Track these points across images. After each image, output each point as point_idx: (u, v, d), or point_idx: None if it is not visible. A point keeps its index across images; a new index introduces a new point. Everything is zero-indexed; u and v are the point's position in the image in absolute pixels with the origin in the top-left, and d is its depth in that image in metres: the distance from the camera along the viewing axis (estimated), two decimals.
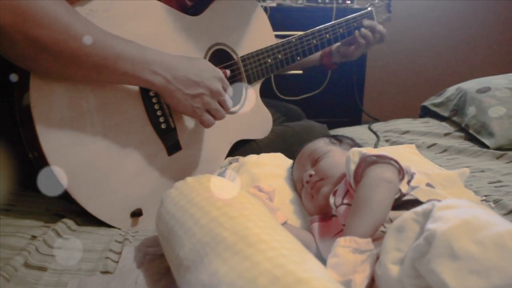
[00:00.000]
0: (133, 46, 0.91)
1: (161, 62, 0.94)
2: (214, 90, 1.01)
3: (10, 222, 0.92)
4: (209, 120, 1.04)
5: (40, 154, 0.87)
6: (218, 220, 0.64)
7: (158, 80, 0.94)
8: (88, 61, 0.86)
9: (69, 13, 0.84)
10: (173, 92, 0.96)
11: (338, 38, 1.42)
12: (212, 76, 1.01)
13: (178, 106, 1.00)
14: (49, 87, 0.88)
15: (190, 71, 0.98)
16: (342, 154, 0.93)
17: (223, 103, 1.05)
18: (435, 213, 0.61)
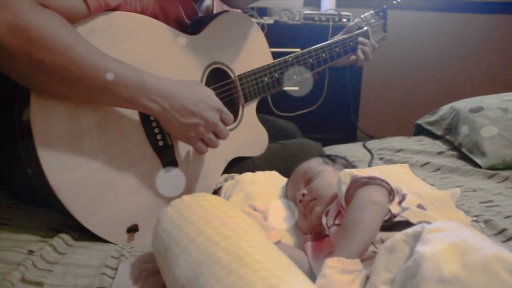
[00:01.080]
0: (133, 72, 0.93)
1: (160, 90, 0.95)
2: (210, 121, 1.03)
3: (7, 236, 0.93)
4: (202, 148, 1.05)
5: (38, 170, 0.89)
6: (214, 240, 0.65)
7: (155, 107, 0.96)
8: (89, 85, 0.88)
9: (73, 36, 0.86)
10: (169, 119, 0.98)
11: (334, 57, 1.45)
12: (210, 106, 1.03)
13: (173, 132, 1.02)
14: (49, 104, 0.89)
15: (187, 100, 0.99)
16: (335, 174, 0.95)
17: (219, 133, 1.06)
18: (424, 236, 0.63)
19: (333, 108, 2.33)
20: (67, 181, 0.91)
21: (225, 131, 1.08)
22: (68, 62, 0.84)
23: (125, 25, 0.99)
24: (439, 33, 2.98)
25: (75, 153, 0.92)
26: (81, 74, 0.86)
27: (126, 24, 1.00)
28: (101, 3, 0.93)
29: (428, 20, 2.95)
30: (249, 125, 1.28)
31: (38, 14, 0.82)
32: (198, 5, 1.23)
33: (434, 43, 3.00)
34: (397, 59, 2.98)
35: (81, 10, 0.91)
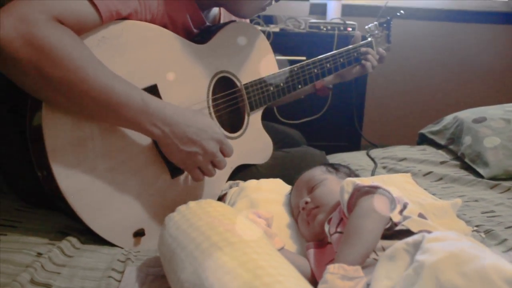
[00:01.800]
0: (138, 95, 0.94)
1: (163, 115, 0.96)
2: (209, 151, 1.03)
3: (16, 239, 0.95)
4: (198, 176, 1.06)
5: (49, 174, 0.91)
6: (219, 245, 0.67)
7: (156, 132, 0.97)
8: (94, 104, 0.90)
9: (84, 56, 0.88)
10: (168, 145, 0.99)
11: (338, 67, 1.47)
12: (211, 137, 1.04)
13: (170, 157, 1.03)
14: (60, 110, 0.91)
15: (189, 128, 1.00)
16: (338, 182, 0.96)
17: (217, 164, 1.07)
18: (424, 245, 0.64)
19: (337, 116, 2.34)
20: (76, 185, 0.93)
21: (223, 161, 1.08)
22: (77, 81, 0.86)
23: (135, 34, 1.02)
24: (442, 43, 3.00)
25: (84, 158, 0.94)
26: (88, 93, 0.88)
27: (136, 32, 1.02)
28: (113, 13, 0.95)
29: (432, 30, 2.97)
30: (254, 133, 1.30)
31: (52, 30, 0.84)
32: (205, 15, 1.25)
33: (437, 53, 3.02)
34: (401, 68, 2.99)
35: (93, 19, 0.93)
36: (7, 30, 0.81)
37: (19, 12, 0.83)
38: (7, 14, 0.82)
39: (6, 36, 0.80)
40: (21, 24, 0.82)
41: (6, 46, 0.81)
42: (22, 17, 0.82)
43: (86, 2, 0.91)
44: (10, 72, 0.86)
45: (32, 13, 0.84)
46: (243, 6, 1.23)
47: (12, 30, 0.81)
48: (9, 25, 0.81)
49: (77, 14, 0.90)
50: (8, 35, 0.81)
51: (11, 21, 0.82)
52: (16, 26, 0.81)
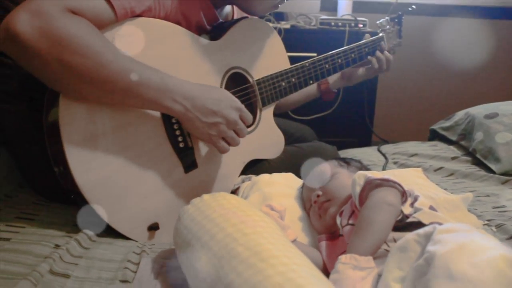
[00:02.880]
0: (157, 74, 0.97)
1: (182, 91, 0.99)
2: (231, 119, 1.06)
3: (35, 231, 0.97)
4: (224, 147, 1.09)
5: (65, 169, 0.93)
6: (233, 236, 0.69)
7: (178, 108, 0.99)
8: (115, 87, 0.92)
9: (101, 42, 0.90)
10: (191, 119, 1.02)
11: (349, 63, 1.47)
12: (230, 106, 1.07)
13: (195, 132, 1.06)
14: (77, 105, 0.93)
15: (208, 100, 1.03)
16: (349, 176, 0.97)
17: (239, 132, 1.10)
18: (435, 236, 0.65)
19: (348, 112, 2.34)
20: (93, 180, 0.95)
21: (244, 129, 1.11)
22: (96, 66, 0.88)
23: (149, 31, 1.03)
24: (454, 39, 2.98)
25: (100, 153, 0.96)
26: (108, 77, 0.90)
27: (150, 30, 1.04)
28: (127, 10, 0.97)
29: (443, 25, 2.95)
30: (266, 128, 1.31)
31: (69, 21, 0.87)
32: (218, 12, 1.27)
33: (449, 48, 3.00)
34: (412, 64, 2.98)
35: (108, 17, 0.95)
36: (24, 25, 0.83)
37: (35, 7, 0.85)
38: (23, 9, 0.85)
39: (24, 30, 0.83)
40: (37, 17, 0.84)
41: (24, 40, 0.83)
42: (38, 11, 0.85)
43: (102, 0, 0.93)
44: (31, 65, 0.88)
45: (47, 6, 0.86)
46: (255, 4, 1.25)
47: (29, 25, 0.83)
48: (26, 20, 0.83)
49: (92, 11, 0.92)
50: (26, 29, 0.83)
51: (27, 16, 0.84)
52: (33, 20, 0.84)
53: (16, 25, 0.82)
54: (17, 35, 0.82)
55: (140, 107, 1.01)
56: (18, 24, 0.83)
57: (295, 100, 1.53)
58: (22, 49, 0.84)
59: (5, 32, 0.84)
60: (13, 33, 0.83)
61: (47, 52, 0.84)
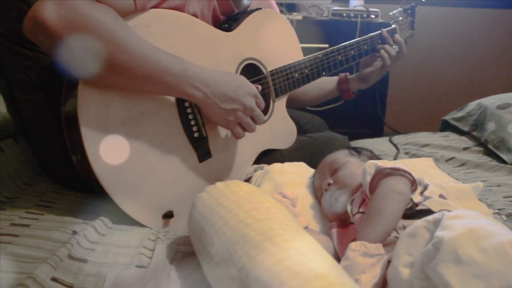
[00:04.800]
0: (177, 61, 0.99)
1: (202, 78, 1.01)
2: (248, 106, 1.08)
3: (53, 218, 1.00)
4: (240, 133, 1.11)
5: (83, 157, 0.95)
6: (246, 222, 0.71)
7: (198, 94, 1.02)
8: (137, 73, 0.94)
9: (124, 29, 0.92)
10: (210, 105, 1.04)
11: (362, 54, 1.48)
12: (247, 92, 1.09)
13: (213, 117, 1.08)
14: (94, 95, 0.96)
15: (227, 87, 1.05)
16: (360, 165, 0.99)
17: (256, 118, 1.12)
18: (444, 222, 0.67)
19: (360, 103, 2.32)
20: (110, 169, 0.97)
21: (261, 115, 1.13)
22: (120, 52, 0.91)
23: (165, 23, 1.05)
24: (466, 29, 2.97)
25: (117, 142, 0.98)
26: (131, 62, 0.92)
27: (166, 21, 1.06)
28: (145, 2, 0.99)
29: (455, 16, 2.94)
30: (279, 119, 1.33)
31: (94, 8, 0.89)
32: (235, 3, 1.28)
33: (461, 39, 2.99)
34: (424, 55, 2.98)
35: (128, 6, 0.97)
36: (50, 13, 0.85)
37: None
38: None
39: (50, 18, 0.85)
40: (63, 5, 0.86)
41: (51, 27, 0.85)
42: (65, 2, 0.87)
43: None
44: (56, 52, 0.90)
45: None
46: None
47: (55, 12, 0.85)
48: (52, 8, 0.86)
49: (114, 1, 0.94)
50: (52, 17, 0.85)
51: (53, 4, 0.86)
52: (59, 7, 0.86)
53: (43, 13, 0.85)
54: (44, 22, 0.85)
55: (160, 94, 1.03)
56: (45, 12, 0.85)
57: (314, 96, 1.54)
58: (49, 37, 0.87)
59: (32, 20, 0.86)
60: (40, 21, 0.85)
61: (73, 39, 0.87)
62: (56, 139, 1.07)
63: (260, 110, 1.13)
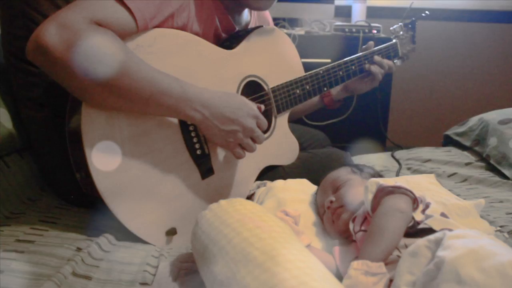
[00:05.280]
0: (177, 83, 1.00)
1: (201, 99, 1.02)
2: (247, 127, 1.09)
3: (57, 234, 1.01)
4: (240, 153, 1.12)
5: (87, 175, 0.96)
6: (249, 241, 0.71)
7: (197, 116, 1.02)
8: (137, 96, 0.95)
9: (125, 53, 0.94)
10: (209, 127, 1.05)
11: (363, 69, 1.48)
12: (247, 113, 1.09)
13: (213, 138, 1.09)
14: (98, 113, 0.97)
15: (226, 109, 1.06)
16: (362, 182, 0.99)
17: (256, 138, 1.13)
18: (445, 242, 0.67)
19: (362, 117, 2.35)
20: (113, 186, 0.98)
21: (261, 136, 1.14)
22: (120, 76, 0.92)
23: (167, 42, 1.07)
24: (468, 44, 2.98)
25: (121, 160, 0.99)
26: (131, 86, 0.94)
27: (168, 40, 1.07)
28: (147, 21, 1.01)
29: (457, 30, 2.95)
30: (281, 135, 1.34)
31: (94, 33, 0.90)
32: (235, 19, 1.30)
33: (463, 53, 3.00)
34: (426, 69, 2.99)
35: (130, 27, 0.98)
36: (52, 37, 0.87)
37: (62, 20, 0.89)
38: (52, 22, 0.89)
39: (53, 42, 0.87)
40: (65, 30, 0.88)
41: (52, 52, 0.87)
42: (65, 24, 0.89)
43: (125, 10, 0.97)
44: (58, 76, 0.93)
45: (74, 19, 0.90)
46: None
47: (57, 37, 0.87)
48: (53, 32, 0.87)
49: (116, 22, 0.95)
50: (54, 41, 0.87)
51: (55, 28, 0.88)
52: (61, 32, 0.88)
53: (45, 37, 0.87)
54: (46, 47, 0.87)
55: (160, 115, 1.04)
56: (47, 37, 0.87)
57: (299, 109, 1.53)
58: (50, 60, 0.88)
59: (34, 44, 0.88)
60: (42, 45, 0.87)
61: (73, 63, 0.88)
62: (61, 155, 1.09)
63: (261, 130, 1.14)
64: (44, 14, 1.11)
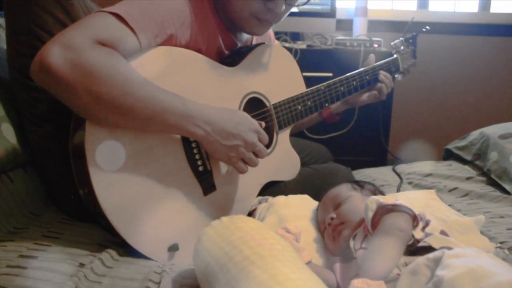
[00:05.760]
0: (179, 100, 1.02)
1: (203, 116, 1.04)
2: (249, 142, 1.10)
3: (60, 249, 1.01)
4: (243, 168, 1.13)
5: (90, 191, 0.97)
6: (251, 259, 0.72)
7: (199, 132, 1.04)
8: (140, 114, 0.97)
9: (128, 72, 0.95)
10: (211, 142, 1.06)
11: (364, 85, 1.50)
12: (248, 128, 1.11)
13: (215, 154, 1.10)
14: (102, 130, 0.98)
15: (228, 124, 1.08)
16: (362, 199, 1.00)
17: (258, 153, 1.14)
18: (444, 261, 0.68)
19: (364, 131, 2.36)
20: (116, 203, 0.99)
21: (263, 150, 1.15)
22: (123, 94, 0.94)
23: (170, 59, 1.08)
24: (469, 57, 2.99)
25: (123, 177, 1.00)
26: (134, 104, 0.95)
27: (171, 58, 1.09)
28: (151, 40, 1.02)
29: (459, 44, 2.96)
30: (282, 151, 1.35)
31: (98, 53, 0.92)
32: (237, 37, 1.31)
33: (464, 67, 3.01)
34: (427, 83, 3.00)
35: (134, 46, 1.00)
36: (56, 58, 0.89)
37: (66, 40, 0.91)
38: (56, 43, 0.90)
39: (56, 63, 0.88)
40: (69, 50, 0.90)
41: (57, 72, 0.88)
42: (69, 44, 0.90)
43: (128, 29, 0.98)
44: (62, 95, 0.94)
45: (77, 39, 0.92)
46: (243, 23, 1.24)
47: (61, 57, 0.89)
48: (58, 53, 0.89)
49: (119, 42, 0.97)
50: (58, 62, 0.88)
51: (59, 49, 0.89)
52: (65, 53, 0.89)
53: (49, 58, 0.88)
54: (50, 67, 0.88)
55: (163, 132, 1.05)
56: (51, 57, 0.88)
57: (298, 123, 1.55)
58: (55, 81, 0.90)
59: (39, 64, 0.90)
60: (46, 66, 0.88)
61: (78, 83, 0.90)
62: (64, 171, 1.10)
63: (263, 145, 1.15)
64: (49, 31, 1.13)
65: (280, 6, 1.19)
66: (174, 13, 1.08)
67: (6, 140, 1.15)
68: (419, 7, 3.05)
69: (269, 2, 1.17)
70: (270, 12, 1.20)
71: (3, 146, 1.13)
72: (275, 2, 1.17)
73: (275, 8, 1.18)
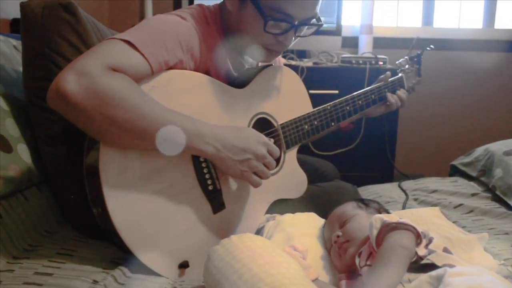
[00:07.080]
0: (189, 121, 1.05)
1: (212, 134, 1.08)
2: (260, 154, 1.14)
3: (74, 267, 1.04)
4: (257, 181, 1.16)
5: (103, 210, 1.00)
6: (259, 277, 0.75)
7: (210, 149, 1.07)
8: (152, 136, 1.00)
9: (139, 96, 0.99)
10: (223, 159, 1.10)
11: (370, 104, 1.53)
12: (257, 142, 1.14)
13: (228, 171, 1.13)
14: (115, 150, 1.01)
15: (237, 139, 1.11)
16: (367, 217, 1.03)
17: (268, 165, 1.18)
18: (446, 279, 0.71)
19: (370, 147, 2.38)
20: (129, 221, 1.02)
21: (272, 161, 1.18)
22: (136, 117, 0.97)
23: (180, 82, 1.12)
24: (474, 73, 3.00)
25: (136, 196, 1.03)
26: (147, 127, 0.99)
27: (181, 81, 1.13)
28: (161, 64, 1.06)
29: (464, 60, 2.98)
30: (290, 170, 1.37)
31: (111, 78, 0.96)
32: (246, 59, 1.35)
33: (469, 83, 3.02)
34: (433, 99, 3.02)
35: (145, 71, 1.04)
36: (72, 85, 0.92)
37: (81, 67, 0.95)
38: (71, 70, 0.94)
39: (72, 89, 0.92)
40: (83, 77, 0.93)
41: (72, 98, 0.92)
42: (83, 71, 0.94)
43: (139, 55, 1.02)
44: (78, 120, 0.97)
45: (91, 66, 0.95)
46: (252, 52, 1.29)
47: (76, 84, 0.92)
48: (73, 80, 0.93)
49: (131, 67, 1.01)
50: (73, 88, 0.92)
51: (74, 76, 0.93)
52: (79, 80, 0.93)
53: (65, 85, 0.92)
54: (66, 94, 0.92)
55: None
56: (67, 84, 0.92)
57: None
58: (70, 106, 0.93)
59: (55, 92, 0.93)
60: (62, 93, 0.92)
61: (92, 108, 0.93)
62: (77, 190, 1.13)
63: (273, 157, 1.18)
64: (63, 55, 1.18)
65: (290, 39, 1.24)
66: (183, 38, 1.12)
67: (22, 160, 1.18)
68: (424, 24, 3.09)
69: (280, 36, 1.21)
70: (279, 44, 1.24)
71: (19, 166, 1.16)
72: (286, 36, 1.22)
73: (285, 41, 1.23)
